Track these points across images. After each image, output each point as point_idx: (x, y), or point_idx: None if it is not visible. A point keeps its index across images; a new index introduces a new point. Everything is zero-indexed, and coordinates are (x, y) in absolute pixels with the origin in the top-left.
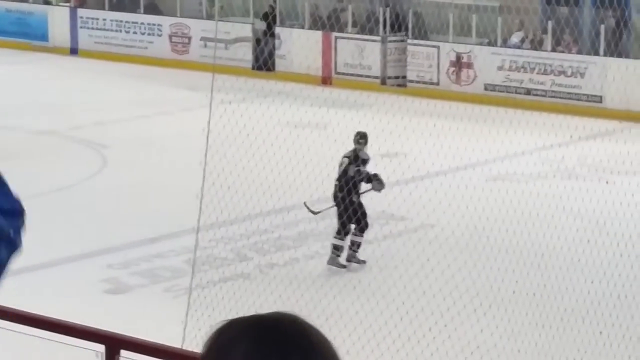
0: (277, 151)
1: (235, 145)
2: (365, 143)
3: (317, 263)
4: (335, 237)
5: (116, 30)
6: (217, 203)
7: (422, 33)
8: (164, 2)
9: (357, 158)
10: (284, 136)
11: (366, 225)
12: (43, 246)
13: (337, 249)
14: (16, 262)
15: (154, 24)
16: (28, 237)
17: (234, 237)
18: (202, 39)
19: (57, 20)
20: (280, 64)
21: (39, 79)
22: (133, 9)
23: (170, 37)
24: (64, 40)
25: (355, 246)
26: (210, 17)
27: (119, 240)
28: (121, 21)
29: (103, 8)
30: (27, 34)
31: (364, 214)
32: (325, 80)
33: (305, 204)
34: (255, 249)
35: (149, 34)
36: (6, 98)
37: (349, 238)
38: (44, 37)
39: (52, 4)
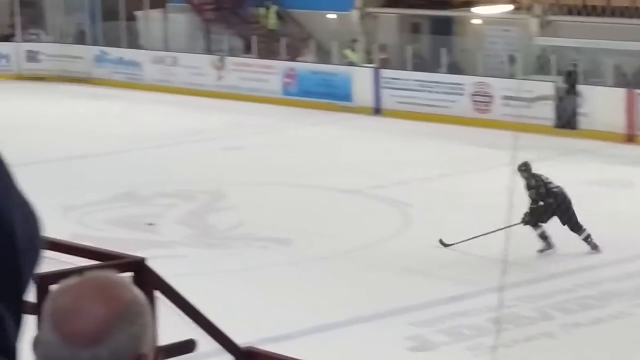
0: (582, 209)
1: None
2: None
3: (621, 323)
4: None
5: (419, 90)
6: (520, 262)
7: None
8: (466, 62)
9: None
10: (589, 195)
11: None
12: (342, 304)
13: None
14: (321, 319)
15: (456, 84)
16: (331, 294)
17: (537, 296)
18: (504, 97)
19: (361, 80)
20: (583, 122)
21: (343, 138)
22: (435, 68)
23: (472, 96)
24: (367, 100)
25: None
26: (512, 75)
27: (422, 298)
28: (424, 81)
29: (405, 68)
30: (332, 95)
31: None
32: (630, 138)
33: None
34: (559, 308)
35: (451, 93)
36: (312, 158)
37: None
38: (348, 97)
39: (355, 65)
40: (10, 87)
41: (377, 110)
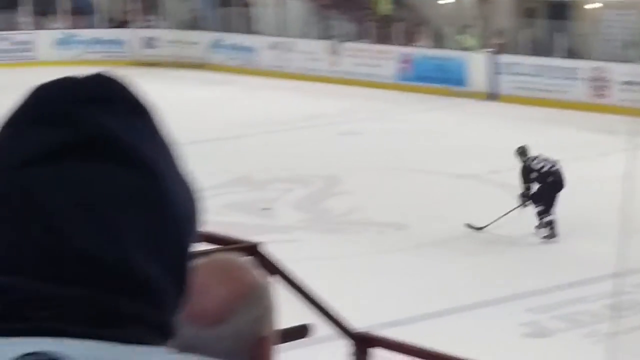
0: None
1: None
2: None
3: None
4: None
5: (535, 75)
6: (636, 248)
7: None
8: (583, 46)
9: None
10: None
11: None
12: (457, 289)
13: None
14: (436, 304)
15: (573, 68)
16: (446, 279)
17: None
18: (622, 82)
19: (476, 65)
20: None
21: (458, 123)
22: (551, 53)
23: (589, 81)
24: (482, 85)
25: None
26: (629, 60)
27: (538, 284)
28: (540, 66)
29: (521, 53)
30: (447, 80)
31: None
32: None
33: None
34: None
35: (568, 79)
36: (427, 142)
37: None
38: (462, 82)
39: (470, 50)
40: (126, 73)
41: (492, 95)
